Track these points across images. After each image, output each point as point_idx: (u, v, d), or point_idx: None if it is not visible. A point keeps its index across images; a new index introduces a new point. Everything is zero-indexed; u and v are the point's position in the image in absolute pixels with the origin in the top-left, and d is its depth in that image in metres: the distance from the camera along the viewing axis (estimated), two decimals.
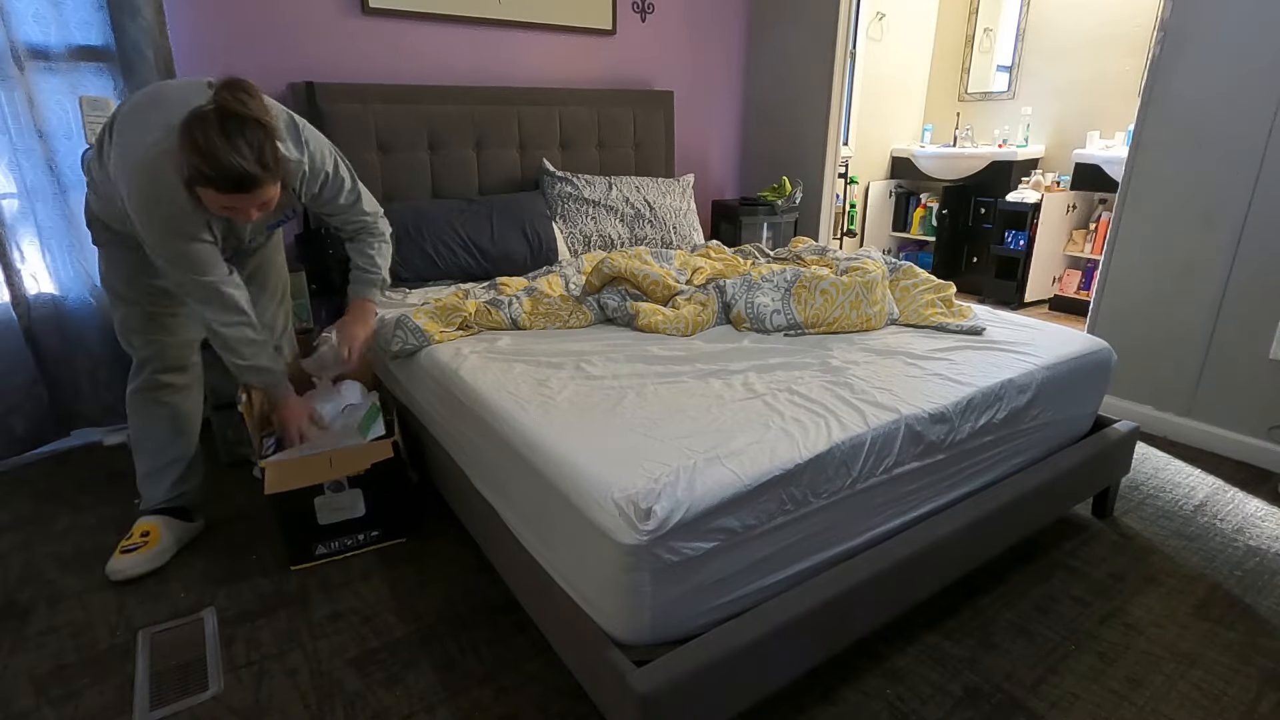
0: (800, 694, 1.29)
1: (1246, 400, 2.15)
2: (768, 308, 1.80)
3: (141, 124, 1.37)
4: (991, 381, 1.45)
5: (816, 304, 1.78)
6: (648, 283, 1.93)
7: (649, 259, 2.20)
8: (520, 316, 1.84)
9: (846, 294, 1.77)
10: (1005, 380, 1.47)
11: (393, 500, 1.70)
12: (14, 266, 2.04)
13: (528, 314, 1.85)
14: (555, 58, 2.88)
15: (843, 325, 1.77)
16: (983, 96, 4.28)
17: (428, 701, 1.28)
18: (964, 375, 1.47)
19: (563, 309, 1.88)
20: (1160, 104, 2.18)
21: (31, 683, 1.33)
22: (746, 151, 3.62)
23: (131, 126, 1.38)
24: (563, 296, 1.94)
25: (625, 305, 1.88)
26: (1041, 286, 3.89)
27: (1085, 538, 1.79)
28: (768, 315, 1.79)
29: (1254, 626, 1.48)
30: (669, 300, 1.93)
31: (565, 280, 2.14)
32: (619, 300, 1.90)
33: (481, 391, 1.44)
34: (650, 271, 1.94)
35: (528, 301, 1.88)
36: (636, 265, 1.95)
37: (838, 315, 1.76)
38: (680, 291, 1.95)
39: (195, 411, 1.79)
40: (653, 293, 1.93)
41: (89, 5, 1.99)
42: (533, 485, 1.21)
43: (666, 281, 1.94)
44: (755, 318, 1.80)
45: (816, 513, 1.18)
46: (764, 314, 1.80)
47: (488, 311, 1.83)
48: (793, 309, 1.79)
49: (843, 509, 1.22)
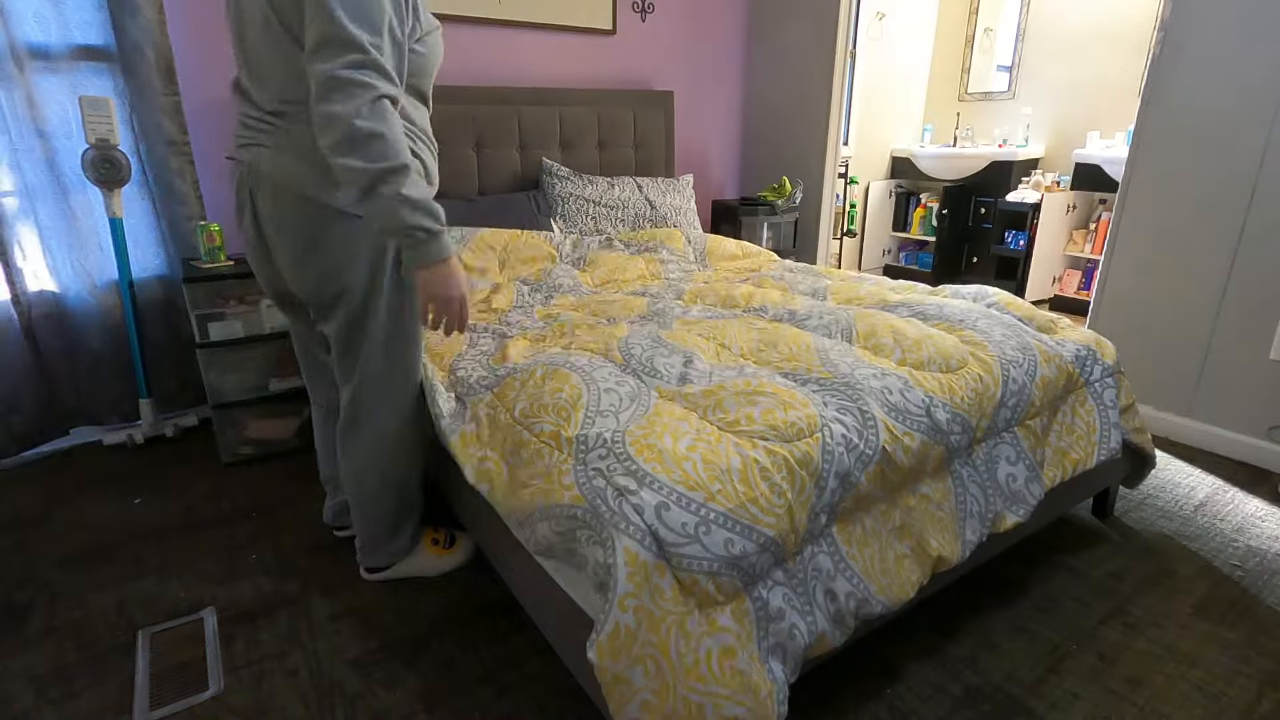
0: (799, 693, 1.29)
1: (1246, 400, 2.15)
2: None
3: None
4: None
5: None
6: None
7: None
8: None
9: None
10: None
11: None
12: (14, 265, 2.04)
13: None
14: (555, 58, 2.88)
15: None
16: (983, 96, 4.28)
17: (428, 701, 1.28)
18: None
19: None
20: (1160, 104, 2.18)
21: (31, 683, 1.33)
22: (746, 151, 3.62)
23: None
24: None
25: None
26: (1041, 286, 3.89)
27: (1085, 538, 1.78)
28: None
29: (1254, 626, 1.48)
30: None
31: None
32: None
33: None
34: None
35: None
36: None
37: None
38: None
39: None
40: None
41: (89, 5, 1.99)
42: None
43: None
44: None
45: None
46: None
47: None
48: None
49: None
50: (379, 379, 1.41)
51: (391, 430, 1.46)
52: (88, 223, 2.13)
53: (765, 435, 1.14)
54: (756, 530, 1.02)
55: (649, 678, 0.94)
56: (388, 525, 1.55)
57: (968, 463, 1.37)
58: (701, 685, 0.95)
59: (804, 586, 1.10)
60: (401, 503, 1.54)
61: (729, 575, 0.99)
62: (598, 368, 1.37)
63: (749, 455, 1.09)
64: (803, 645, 1.07)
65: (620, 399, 1.25)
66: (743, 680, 0.97)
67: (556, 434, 1.18)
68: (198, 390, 2.38)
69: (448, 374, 1.56)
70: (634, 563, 0.95)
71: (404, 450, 1.50)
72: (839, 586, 1.13)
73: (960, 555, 1.30)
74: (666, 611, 0.95)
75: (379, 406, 1.43)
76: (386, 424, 1.45)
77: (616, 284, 2.25)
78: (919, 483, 1.29)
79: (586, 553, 1.02)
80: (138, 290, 2.22)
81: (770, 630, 1.04)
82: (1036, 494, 1.46)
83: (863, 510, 1.20)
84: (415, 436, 1.51)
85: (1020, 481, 1.45)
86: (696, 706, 0.94)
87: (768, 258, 2.61)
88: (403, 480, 1.52)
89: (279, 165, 1.24)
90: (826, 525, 1.14)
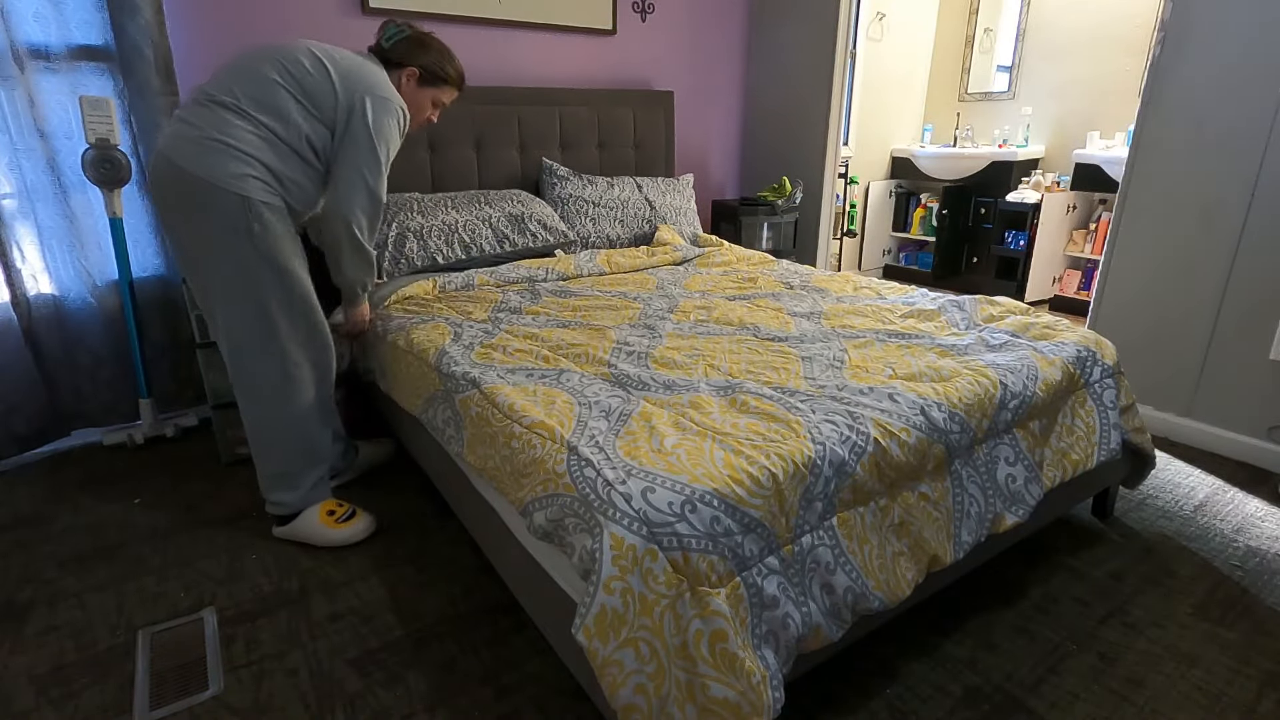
0: (800, 694, 1.29)
1: (1246, 400, 2.15)
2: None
3: (367, 68, 1.66)
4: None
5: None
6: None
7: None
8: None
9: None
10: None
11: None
12: (14, 266, 2.04)
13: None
14: (555, 58, 2.88)
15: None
16: (983, 96, 4.28)
17: (428, 701, 1.28)
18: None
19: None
20: (1160, 104, 2.18)
21: (31, 683, 1.33)
22: (746, 151, 3.62)
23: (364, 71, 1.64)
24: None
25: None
26: (1041, 286, 3.89)
27: (1085, 538, 1.79)
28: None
29: (1254, 626, 1.48)
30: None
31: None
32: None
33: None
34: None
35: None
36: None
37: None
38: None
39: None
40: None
41: (89, 5, 1.99)
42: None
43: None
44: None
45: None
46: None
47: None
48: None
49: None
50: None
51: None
52: (87, 223, 2.13)
53: (750, 437, 1.16)
54: (741, 511, 1.04)
55: (642, 660, 0.95)
56: (272, 473, 1.72)
57: (968, 463, 1.38)
58: (692, 666, 0.96)
59: (800, 578, 1.10)
60: (288, 454, 1.71)
61: (719, 554, 1.00)
62: (589, 385, 1.40)
63: (733, 449, 1.12)
64: (796, 635, 1.07)
65: (608, 408, 1.28)
66: (734, 664, 0.97)
67: (548, 426, 1.20)
68: (198, 390, 2.38)
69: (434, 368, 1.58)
70: (619, 547, 0.96)
71: (295, 398, 1.68)
72: (838, 580, 1.14)
73: (953, 556, 1.30)
74: (660, 595, 0.96)
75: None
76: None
77: (609, 287, 2.25)
78: (919, 481, 1.29)
79: (574, 540, 1.03)
80: (138, 290, 2.22)
81: (764, 618, 1.05)
82: (1036, 494, 1.46)
83: (862, 504, 1.20)
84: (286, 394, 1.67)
85: (1019, 482, 1.45)
86: (685, 686, 0.96)
87: (761, 258, 2.61)
88: (294, 425, 1.69)
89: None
90: (826, 515, 1.15)
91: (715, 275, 2.40)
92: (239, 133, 1.49)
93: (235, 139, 1.48)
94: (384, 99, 1.63)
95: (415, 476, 2.08)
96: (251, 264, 1.53)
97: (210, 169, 1.45)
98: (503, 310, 1.96)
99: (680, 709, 0.95)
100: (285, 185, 1.56)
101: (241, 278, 1.54)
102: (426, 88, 1.80)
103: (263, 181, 1.51)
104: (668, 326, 1.82)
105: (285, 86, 1.55)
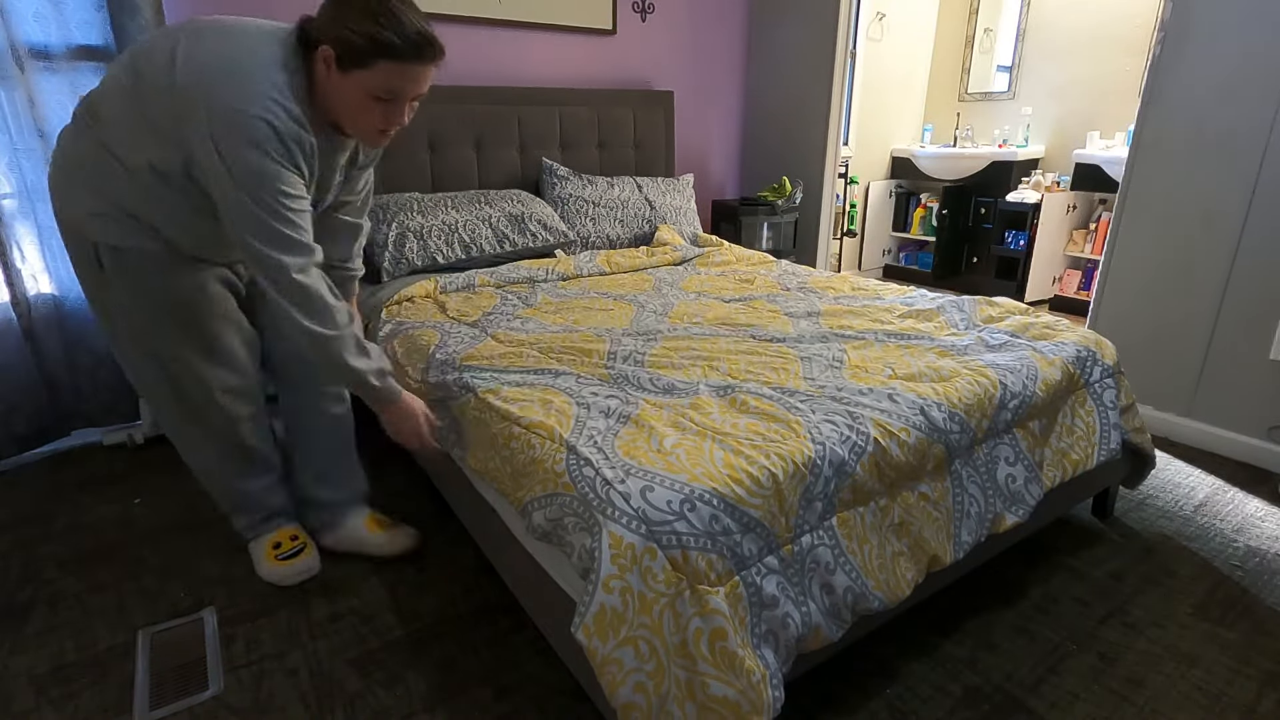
0: (800, 694, 1.29)
1: (1246, 400, 2.15)
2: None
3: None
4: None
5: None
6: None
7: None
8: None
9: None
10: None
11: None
12: (14, 266, 2.04)
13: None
14: (555, 58, 2.88)
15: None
16: (983, 96, 4.28)
17: (427, 701, 1.28)
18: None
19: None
20: (1160, 104, 2.18)
21: (31, 683, 1.33)
22: (746, 151, 3.62)
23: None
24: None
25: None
26: (1041, 287, 3.89)
27: (1085, 538, 1.78)
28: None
29: (1254, 626, 1.48)
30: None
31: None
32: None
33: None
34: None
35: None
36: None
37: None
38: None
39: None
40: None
41: (89, 5, 1.99)
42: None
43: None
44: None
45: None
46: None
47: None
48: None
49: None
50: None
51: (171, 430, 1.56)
52: None
53: (750, 437, 1.16)
54: (741, 510, 1.04)
55: (641, 659, 0.95)
56: (224, 505, 1.65)
57: (968, 463, 1.38)
58: (692, 665, 0.96)
59: (800, 577, 1.11)
60: (217, 493, 1.62)
61: (718, 553, 1.00)
62: (586, 385, 1.40)
63: (733, 448, 1.12)
64: (795, 635, 1.07)
65: (607, 409, 1.28)
66: (734, 662, 0.98)
67: (547, 426, 1.20)
68: None
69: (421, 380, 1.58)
70: (618, 545, 0.96)
71: (191, 449, 1.56)
72: (837, 580, 1.14)
73: (953, 556, 1.30)
74: (659, 594, 0.96)
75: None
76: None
77: (608, 288, 2.25)
78: (919, 481, 1.29)
79: (573, 539, 1.03)
80: None
81: (763, 617, 1.05)
82: (1035, 494, 1.46)
83: (861, 504, 1.21)
84: (195, 438, 1.54)
85: (1019, 482, 1.45)
86: (685, 684, 0.96)
87: (760, 258, 2.61)
88: (204, 474, 1.60)
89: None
90: (825, 515, 1.15)
91: (713, 275, 2.40)
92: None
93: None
94: (227, 115, 1.11)
95: (415, 476, 2.08)
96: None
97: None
98: (502, 311, 1.96)
99: (680, 707, 0.96)
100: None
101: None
102: (353, 72, 1.15)
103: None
104: (666, 327, 1.82)
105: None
